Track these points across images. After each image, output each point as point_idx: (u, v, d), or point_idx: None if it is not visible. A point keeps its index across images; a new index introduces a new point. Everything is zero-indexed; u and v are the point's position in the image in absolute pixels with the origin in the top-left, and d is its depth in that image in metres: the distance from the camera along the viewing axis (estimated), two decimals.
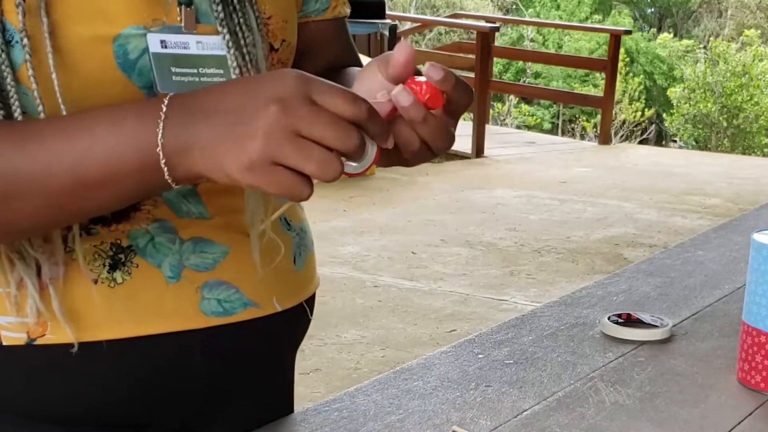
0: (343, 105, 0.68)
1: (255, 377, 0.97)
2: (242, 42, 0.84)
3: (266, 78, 0.70)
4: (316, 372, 3.51)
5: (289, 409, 1.06)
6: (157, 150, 0.70)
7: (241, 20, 0.85)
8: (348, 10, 1.05)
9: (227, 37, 0.83)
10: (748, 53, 14.85)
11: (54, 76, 0.76)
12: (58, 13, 0.77)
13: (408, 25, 12.49)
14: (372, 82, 0.79)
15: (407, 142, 0.75)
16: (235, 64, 0.83)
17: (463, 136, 8.95)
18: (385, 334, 3.93)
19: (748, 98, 14.18)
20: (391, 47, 7.88)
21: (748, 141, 14.42)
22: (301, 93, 0.68)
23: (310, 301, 1.03)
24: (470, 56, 9.33)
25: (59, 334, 0.82)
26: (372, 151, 0.72)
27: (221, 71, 0.84)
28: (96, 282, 0.83)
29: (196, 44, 0.83)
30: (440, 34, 18.19)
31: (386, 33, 7.82)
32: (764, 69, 14.48)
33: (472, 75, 9.38)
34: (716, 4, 22.84)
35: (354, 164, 0.72)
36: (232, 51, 0.83)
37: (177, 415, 0.91)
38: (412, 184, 7.11)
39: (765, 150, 14.43)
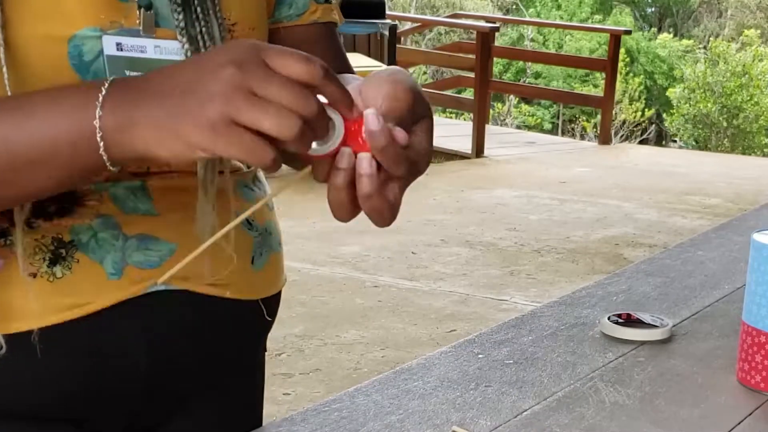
0: (296, 66, 0.67)
1: (213, 381, 0.96)
2: (202, 51, 0.82)
3: (219, 48, 0.69)
4: (316, 372, 3.51)
5: (257, 421, 1.04)
6: (94, 123, 0.69)
7: (203, 29, 0.82)
8: (336, 16, 1.00)
9: (186, 45, 0.81)
10: (748, 53, 14.85)
11: (5, 70, 0.75)
12: (12, 10, 0.76)
13: (408, 25, 12.49)
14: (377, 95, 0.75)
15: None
16: None
17: (463, 136, 8.97)
18: (385, 334, 3.93)
19: (748, 98, 14.18)
20: (391, 47, 7.89)
21: (748, 141, 14.42)
22: (255, 56, 0.67)
23: (272, 301, 1.01)
24: (470, 56, 9.33)
25: None
26: (339, 129, 0.70)
27: None
28: (35, 276, 0.82)
29: (154, 48, 0.81)
30: (440, 34, 18.19)
31: (386, 33, 7.82)
32: (764, 69, 14.47)
33: (472, 75, 9.39)
34: (716, 4, 22.84)
35: (320, 145, 0.70)
36: None
37: (118, 412, 0.90)
38: (412, 184, 7.10)
39: (765, 150, 14.42)
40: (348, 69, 1.01)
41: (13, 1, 0.76)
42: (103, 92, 0.69)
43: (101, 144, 0.69)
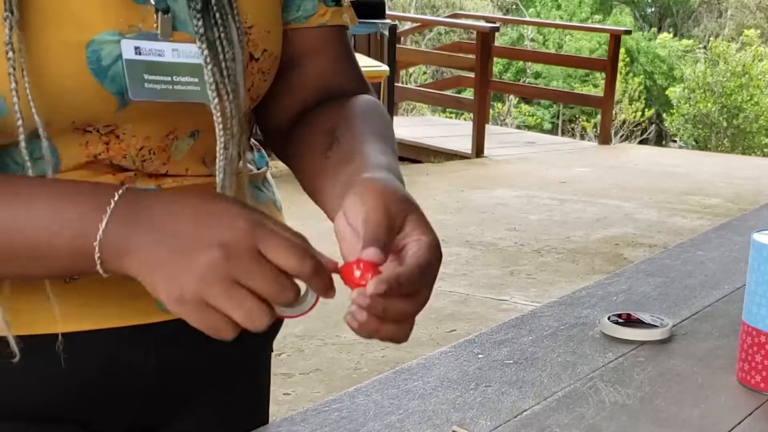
0: (289, 261, 0.69)
1: (216, 381, 0.96)
2: (221, 56, 0.82)
3: (218, 216, 0.70)
4: (316, 372, 3.51)
5: (263, 420, 1.04)
6: (95, 244, 0.71)
7: (222, 34, 0.82)
8: (346, 19, 0.99)
9: (206, 51, 0.81)
10: (748, 53, 14.84)
11: (26, 79, 0.75)
12: (30, 16, 0.76)
13: (408, 25, 12.48)
14: (353, 213, 0.76)
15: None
16: (212, 79, 0.81)
17: (463, 136, 8.97)
18: None
19: (748, 98, 14.16)
20: (391, 47, 7.89)
21: (748, 141, 14.41)
22: (248, 243, 0.68)
23: None
24: (470, 56, 9.33)
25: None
26: (312, 297, 0.72)
27: (196, 80, 0.82)
28: None
29: (172, 51, 0.82)
30: (440, 34, 18.17)
31: (386, 33, 7.81)
32: (764, 69, 14.46)
33: (472, 75, 9.39)
34: (716, 4, 22.83)
35: (291, 307, 0.72)
36: (210, 66, 0.81)
37: (123, 412, 0.90)
38: (412, 184, 7.11)
39: (765, 150, 14.42)
40: (357, 74, 1.00)
41: (30, 8, 0.76)
42: (108, 212, 0.71)
43: (98, 259, 0.71)
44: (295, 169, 0.93)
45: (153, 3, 0.81)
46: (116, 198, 0.71)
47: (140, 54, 0.80)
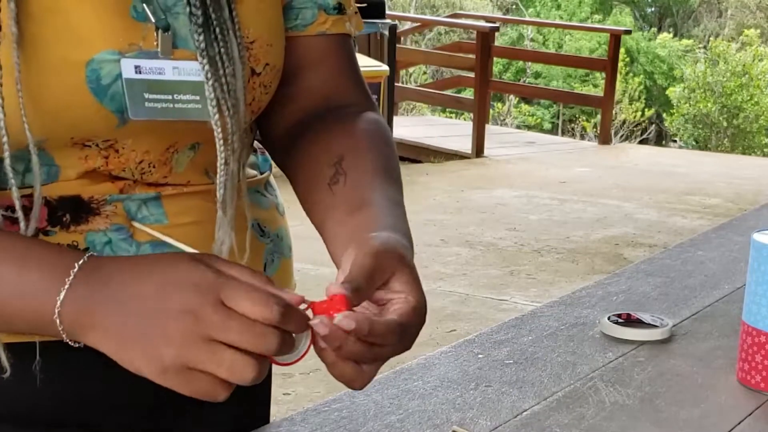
0: (253, 309, 0.67)
1: None
2: (221, 72, 0.81)
3: (176, 282, 0.69)
4: (316, 372, 3.51)
5: (263, 420, 1.04)
6: (54, 318, 0.70)
7: (222, 50, 0.81)
8: (350, 27, 0.97)
9: (207, 67, 0.80)
10: (748, 53, 14.84)
11: (20, 95, 0.74)
12: (29, 35, 0.75)
13: (408, 25, 12.48)
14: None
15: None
16: (213, 95, 0.81)
17: (463, 136, 8.97)
18: None
19: (748, 98, 14.16)
20: (391, 47, 7.89)
21: (748, 141, 14.40)
22: (211, 300, 0.67)
23: None
24: (470, 56, 9.33)
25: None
26: (305, 340, 0.71)
27: (197, 97, 0.81)
28: None
29: (173, 69, 0.81)
30: (440, 34, 18.17)
31: (386, 33, 7.81)
32: (764, 69, 14.46)
33: (472, 75, 9.39)
34: (716, 4, 22.84)
35: (284, 357, 0.71)
36: (210, 82, 0.80)
37: (129, 417, 0.90)
38: (412, 184, 7.11)
39: (765, 150, 14.41)
40: (359, 86, 0.98)
41: (30, 26, 0.75)
42: (67, 284, 0.70)
43: (61, 329, 0.71)
44: (297, 191, 0.92)
45: (153, 21, 0.80)
46: (76, 269, 0.70)
47: (140, 73, 0.80)
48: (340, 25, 0.95)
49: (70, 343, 0.72)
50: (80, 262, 0.71)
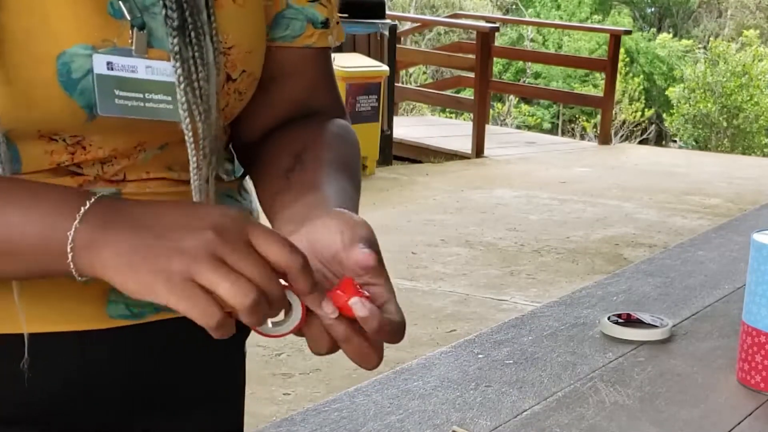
0: (279, 252, 0.68)
1: (189, 384, 0.95)
2: (194, 76, 0.81)
3: (212, 207, 0.71)
4: (316, 372, 3.51)
5: (237, 423, 1.03)
6: (68, 234, 0.69)
7: (197, 53, 0.81)
8: (331, 40, 0.98)
9: (179, 71, 0.80)
10: (748, 53, 14.84)
11: None
12: (1, 27, 0.75)
13: (408, 25, 12.48)
14: (325, 236, 0.75)
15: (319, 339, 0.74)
16: (184, 99, 0.80)
17: (463, 136, 8.97)
18: None
19: (748, 98, 14.16)
20: (391, 47, 7.89)
21: (748, 141, 14.40)
22: (241, 229, 0.68)
23: None
24: (470, 56, 9.33)
25: None
26: (296, 314, 0.71)
27: (169, 98, 0.81)
28: None
29: (146, 68, 0.81)
30: (440, 34, 18.16)
31: (386, 33, 7.81)
32: (764, 69, 14.46)
33: (472, 75, 9.38)
34: (716, 4, 22.83)
35: (275, 326, 0.71)
36: (182, 85, 0.80)
37: (89, 418, 0.88)
38: (412, 184, 7.11)
39: (765, 150, 14.41)
40: (334, 96, 0.99)
41: (4, 17, 0.75)
42: (86, 206, 0.70)
43: (70, 255, 0.70)
44: (255, 183, 0.93)
45: (129, 19, 0.80)
46: (91, 201, 0.71)
47: (112, 69, 0.79)
48: (324, 38, 0.96)
49: (76, 276, 0.71)
50: (98, 195, 0.71)
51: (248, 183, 1.02)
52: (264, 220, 1.03)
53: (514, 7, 22.40)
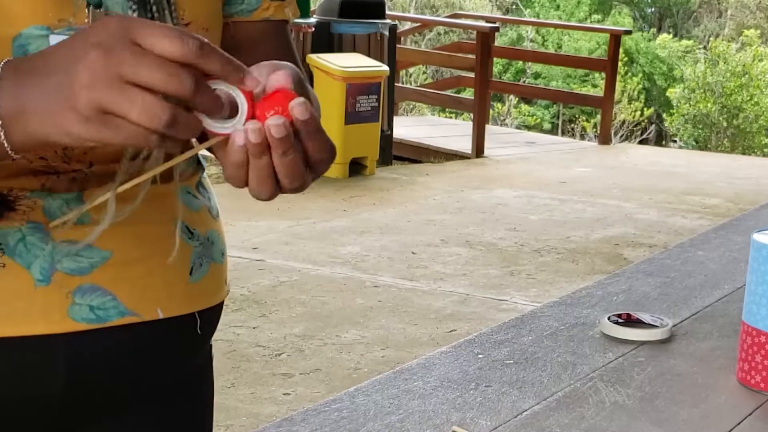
0: (169, 44, 0.63)
1: (145, 392, 0.93)
2: None
3: (88, 28, 0.66)
4: (316, 372, 3.51)
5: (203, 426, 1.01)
6: None
7: None
8: (288, 13, 0.97)
9: None
10: (748, 53, 14.84)
11: None
12: None
13: (408, 25, 12.49)
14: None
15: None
16: None
17: (463, 136, 8.97)
18: (385, 334, 3.93)
19: (748, 98, 14.16)
20: (391, 47, 7.88)
21: (748, 141, 14.40)
22: (123, 36, 0.64)
23: (211, 313, 0.97)
24: (470, 56, 9.33)
25: None
26: (242, 106, 0.68)
27: None
28: None
29: None
30: (440, 34, 18.17)
31: (386, 33, 7.81)
32: (764, 69, 14.46)
33: (472, 75, 9.38)
34: (716, 4, 22.83)
35: (222, 124, 0.68)
36: None
37: (35, 423, 0.87)
38: (412, 184, 7.11)
39: (765, 150, 14.41)
40: (296, 65, 0.98)
41: None
42: None
43: (1, 132, 0.67)
44: None
45: None
46: (0, 67, 0.68)
47: None
48: (280, 11, 0.97)
49: (12, 155, 0.68)
50: (3, 61, 0.69)
51: (206, 180, 1.01)
52: (224, 216, 1.02)
53: (514, 7, 22.40)
